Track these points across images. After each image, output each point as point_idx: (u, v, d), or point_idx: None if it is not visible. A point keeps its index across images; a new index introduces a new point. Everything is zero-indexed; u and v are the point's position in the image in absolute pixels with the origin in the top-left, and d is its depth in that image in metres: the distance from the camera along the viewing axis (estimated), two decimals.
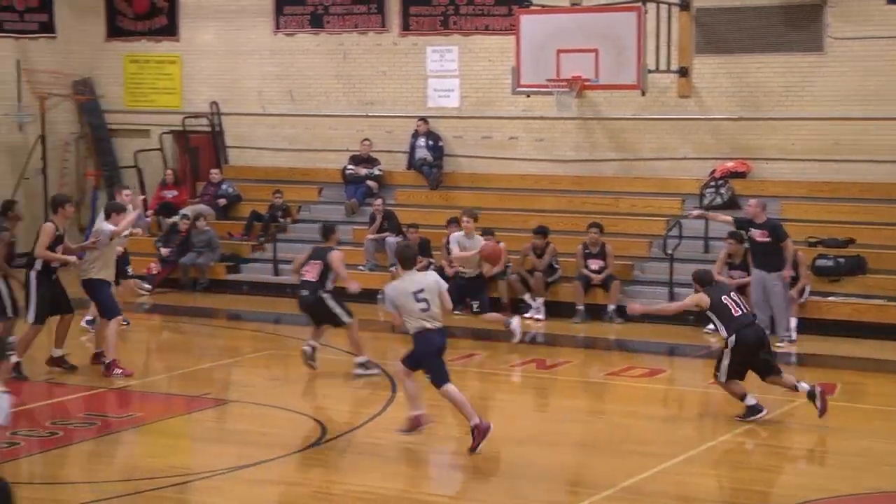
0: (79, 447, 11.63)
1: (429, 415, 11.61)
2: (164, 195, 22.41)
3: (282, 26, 22.77)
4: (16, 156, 23.34)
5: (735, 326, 12.30)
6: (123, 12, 24.01)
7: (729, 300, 12.48)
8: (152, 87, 23.96)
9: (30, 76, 23.19)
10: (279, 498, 10.39)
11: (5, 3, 23.02)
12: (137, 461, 11.44)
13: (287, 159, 22.85)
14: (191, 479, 10.72)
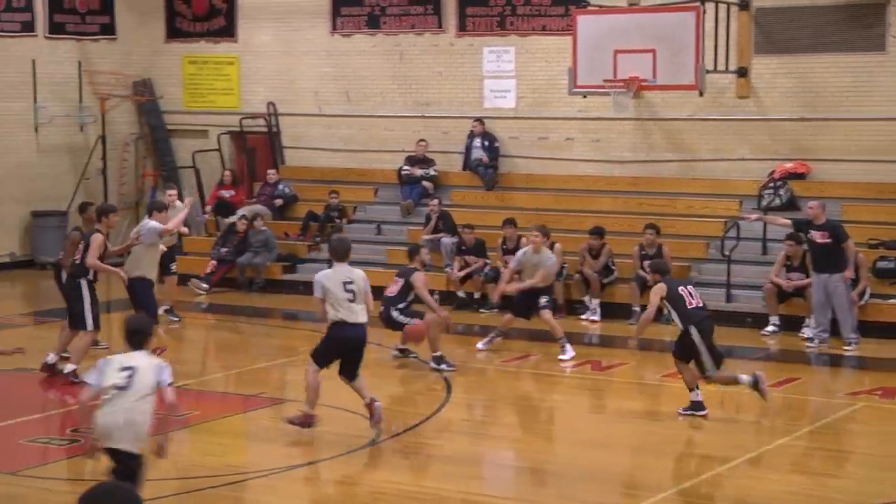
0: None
1: (318, 417, 11.60)
2: (221, 195, 22.54)
3: (338, 27, 22.83)
4: (77, 156, 23.59)
5: (692, 317, 12.41)
6: (182, 14, 24.20)
7: (685, 291, 12.62)
8: (210, 88, 24.12)
9: (91, 77, 23.43)
10: (334, 497, 10.40)
11: (68, 6, 23.28)
12: (194, 459, 11.50)
13: (343, 160, 22.92)
14: (246, 478, 10.77)
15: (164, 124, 24.50)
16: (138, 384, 8.35)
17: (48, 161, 23.16)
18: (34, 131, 22.89)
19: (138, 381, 8.36)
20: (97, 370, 8.40)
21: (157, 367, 8.47)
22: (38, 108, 22.77)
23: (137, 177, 24.75)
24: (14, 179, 22.51)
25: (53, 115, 22.87)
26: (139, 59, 24.33)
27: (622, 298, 18.24)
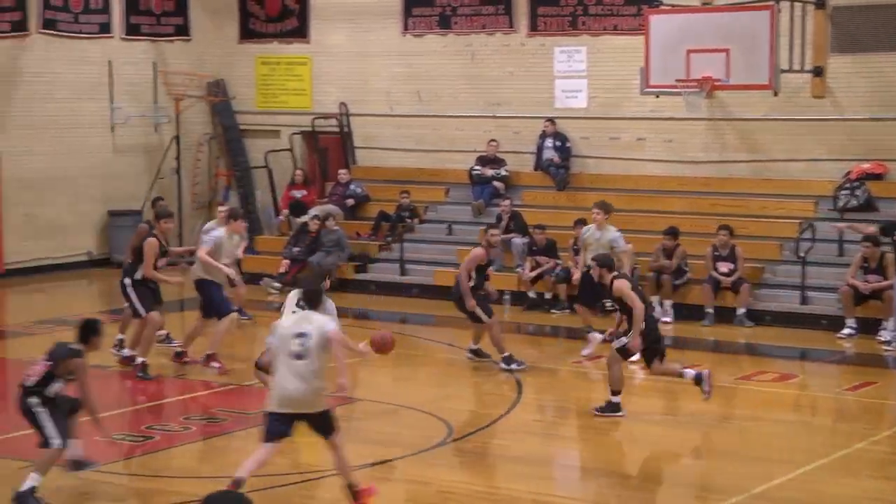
0: (210, 442, 11.81)
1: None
2: (293, 195, 22.68)
3: (410, 27, 22.87)
4: (151, 156, 23.86)
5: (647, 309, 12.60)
6: (256, 15, 24.38)
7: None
8: (283, 89, 24.28)
9: (166, 78, 23.68)
10: (404, 496, 10.41)
11: (143, 7, 23.55)
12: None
13: (414, 160, 22.95)
14: (317, 477, 10.81)
15: (237, 124, 24.70)
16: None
17: (124, 161, 23.45)
18: (110, 132, 23.19)
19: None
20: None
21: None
22: (115, 109, 23.05)
23: (210, 177, 24.98)
24: (91, 179, 22.81)
25: (129, 115, 23.14)
26: (213, 59, 24.55)
27: (695, 300, 18.08)
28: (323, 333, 9.36)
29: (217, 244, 14.55)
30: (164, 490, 10.39)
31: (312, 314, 9.54)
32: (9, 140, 21.48)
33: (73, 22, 22.38)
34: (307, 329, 9.35)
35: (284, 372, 9.32)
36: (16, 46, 21.53)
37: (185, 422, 12.40)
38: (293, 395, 9.32)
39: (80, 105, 22.59)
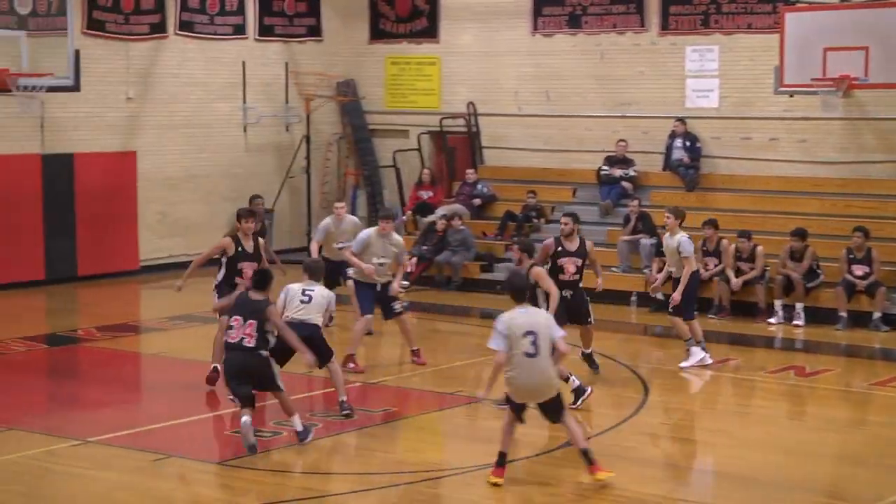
0: (337, 439, 11.92)
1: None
2: (419, 195, 22.80)
3: (539, 27, 22.82)
4: (282, 155, 24.21)
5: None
6: (386, 15, 24.57)
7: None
8: (412, 88, 24.42)
9: (297, 78, 24.00)
10: (531, 497, 10.36)
11: (276, 9, 23.92)
12: (392, 455, 11.65)
13: (542, 159, 22.89)
14: (444, 475, 10.84)
15: (366, 124, 24.92)
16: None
17: (255, 160, 23.83)
18: (243, 131, 23.59)
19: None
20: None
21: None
22: (247, 109, 23.44)
23: (339, 176, 25.26)
24: (224, 178, 23.23)
25: (261, 115, 23.51)
26: (343, 60, 24.81)
27: (827, 303, 17.68)
28: (550, 335, 10.19)
29: (364, 244, 14.59)
30: (290, 486, 10.51)
31: (536, 313, 10.36)
32: (145, 139, 22.00)
33: (208, 23, 22.83)
34: (535, 328, 10.10)
35: (519, 368, 10.10)
36: (154, 48, 22.04)
37: (312, 418, 12.53)
38: (529, 389, 10.19)
39: (214, 105, 23.02)
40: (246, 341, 11.36)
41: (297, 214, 24.21)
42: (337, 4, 24.79)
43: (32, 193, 20.28)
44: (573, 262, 13.74)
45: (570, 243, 13.85)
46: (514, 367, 10.11)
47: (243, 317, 11.43)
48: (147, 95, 21.99)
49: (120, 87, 21.53)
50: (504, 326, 10.10)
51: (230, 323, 11.51)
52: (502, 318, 10.19)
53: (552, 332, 10.26)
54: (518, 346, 10.06)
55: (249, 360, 11.37)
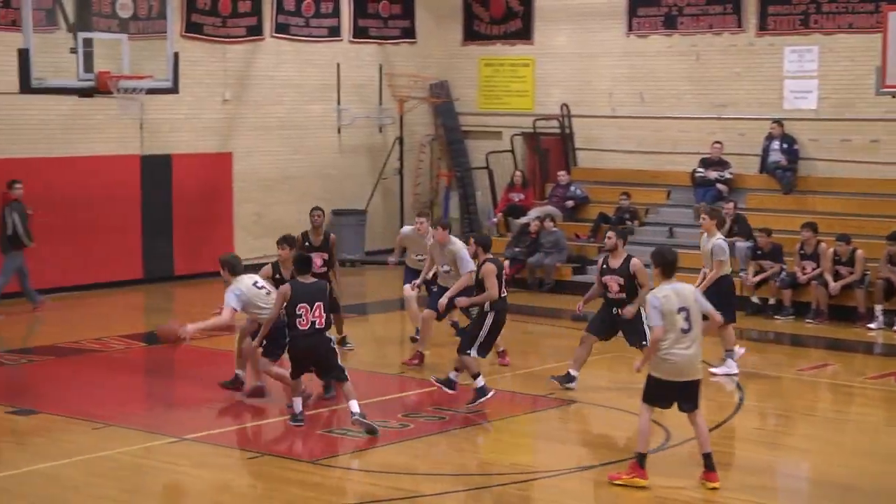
0: (429, 440, 11.95)
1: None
2: (511, 197, 22.78)
3: (634, 28, 22.66)
4: (375, 157, 24.34)
5: (498, 304, 12.86)
6: (480, 17, 24.59)
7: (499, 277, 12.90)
8: (505, 90, 24.41)
9: (391, 80, 24.12)
10: (622, 501, 10.29)
11: (371, 11, 24.06)
12: (482, 457, 11.65)
13: (636, 161, 22.73)
14: (533, 478, 10.81)
15: (459, 126, 24.96)
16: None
17: (348, 161, 23.99)
18: (336, 133, 23.76)
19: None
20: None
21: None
22: (341, 111, 23.61)
23: (432, 177, 25.33)
24: (317, 179, 23.42)
25: (355, 116, 23.66)
26: (437, 61, 24.88)
27: None
28: (698, 306, 10.27)
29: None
30: (382, 485, 10.55)
31: (683, 287, 10.27)
32: (240, 140, 22.27)
33: (304, 26, 23.04)
34: (687, 303, 10.14)
35: (675, 344, 10.11)
36: (250, 50, 22.31)
37: (404, 418, 12.58)
38: (683, 366, 10.17)
39: (309, 107, 23.23)
40: (317, 324, 11.71)
41: (389, 216, 24.33)
42: (431, 6, 24.87)
43: (132, 194, 20.66)
44: (615, 281, 13.43)
45: (614, 260, 13.53)
46: (671, 344, 10.09)
47: (309, 302, 11.71)
48: (243, 97, 22.26)
49: (217, 89, 21.83)
50: (660, 303, 10.08)
51: (297, 311, 11.69)
52: (657, 294, 10.15)
53: (702, 305, 10.35)
54: (673, 323, 10.07)
55: (320, 343, 11.79)
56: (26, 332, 17.45)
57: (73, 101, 18.77)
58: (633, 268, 13.38)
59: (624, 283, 13.38)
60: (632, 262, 13.41)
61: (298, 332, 11.78)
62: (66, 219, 19.59)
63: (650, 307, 10.17)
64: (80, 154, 19.96)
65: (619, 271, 13.42)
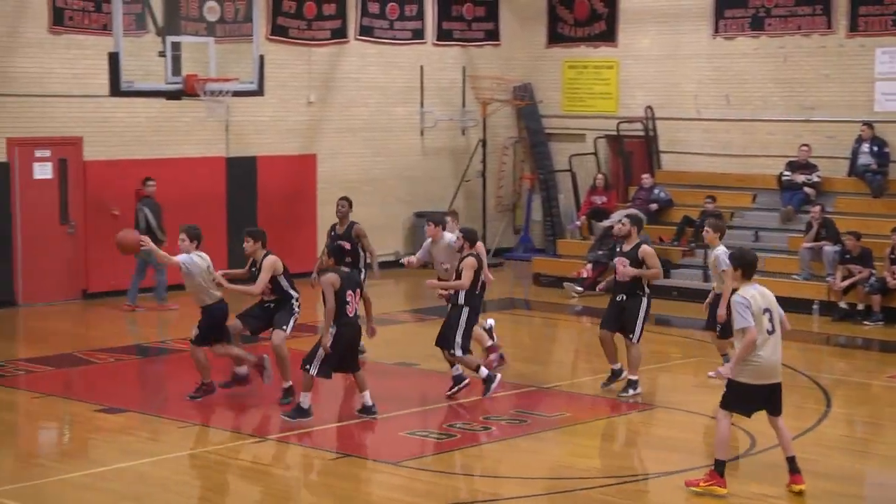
0: (510, 443, 11.95)
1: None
2: (593, 200, 22.69)
3: (721, 30, 22.46)
4: (458, 159, 24.39)
5: (473, 298, 13.25)
6: (564, 19, 24.53)
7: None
8: (589, 92, 24.33)
9: (474, 82, 24.15)
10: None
11: (455, 13, 24.12)
12: (564, 460, 11.62)
13: (721, 164, 22.53)
14: (616, 482, 10.76)
15: (543, 128, 24.92)
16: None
17: (431, 164, 24.07)
18: (419, 135, 23.86)
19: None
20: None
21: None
22: (424, 113, 23.70)
23: (515, 180, 25.32)
24: (400, 181, 23.53)
25: (438, 119, 23.74)
26: (520, 64, 24.87)
27: None
28: (779, 311, 10.21)
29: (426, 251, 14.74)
30: (463, 488, 10.58)
31: (765, 290, 10.16)
32: (324, 142, 22.45)
33: (388, 28, 23.17)
34: (770, 305, 10.08)
35: (763, 346, 10.00)
36: (334, 53, 22.49)
37: (486, 421, 12.60)
38: (772, 367, 10.10)
39: (392, 109, 23.34)
40: (357, 311, 12.20)
41: (472, 218, 24.31)
42: (515, 8, 24.87)
43: (217, 195, 20.92)
44: (623, 263, 13.53)
45: (627, 245, 13.62)
46: (758, 346, 9.99)
47: (354, 290, 12.20)
48: (327, 99, 22.44)
49: (301, 92, 22.03)
50: (749, 303, 9.98)
51: (346, 298, 12.04)
52: (744, 296, 10.03)
53: (779, 309, 10.27)
54: (760, 324, 9.99)
55: (359, 332, 12.36)
56: (116, 332, 17.69)
57: (161, 104, 19.07)
58: (641, 252, 13.47)
59: (630, 264, 13.50)
60: (642, 246, 13.52)
61: (347, 319, 12.10)
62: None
63: (739, 307, 10.00)
64: (167, 156, 20.26)
65: (628, 254, 13.54)
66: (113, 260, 18.32)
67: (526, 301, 20.88)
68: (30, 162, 18.98)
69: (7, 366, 15.02)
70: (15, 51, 18.68)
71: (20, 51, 18.72)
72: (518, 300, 20.90)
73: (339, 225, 15.44)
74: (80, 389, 13.62)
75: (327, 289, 12.17)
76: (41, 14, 18.89)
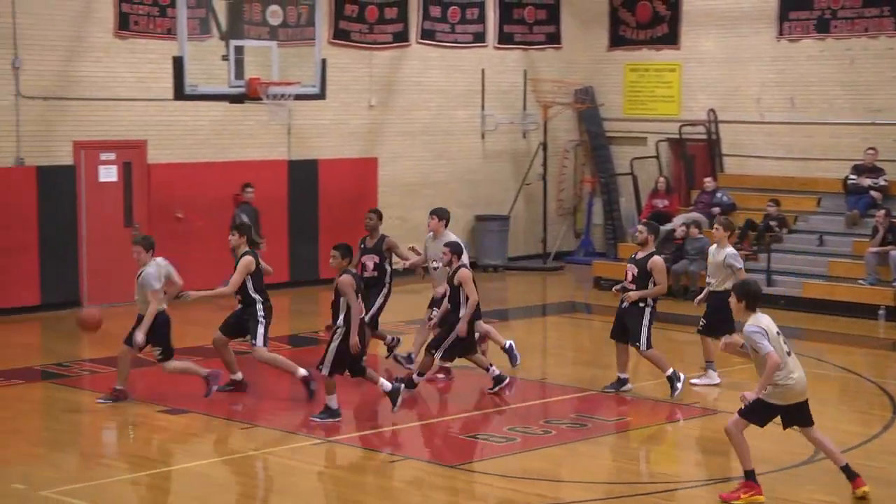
0: (570, 447, 11.91)
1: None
2: (655, 204, 22.56)
3: (785, 32, 22.25)
4: (519, 162, 24.36)
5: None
6: (626, 22, 24.42)
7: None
8: (651, 96, 24.19)
9: (535, 86, 24.11)
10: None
11: (517, 17, 24.10)
12: (624, 465, 11.57)
13: (784, 168, 22.32)
14: (676, 487, 10.69)
15: (604, 131, 24.82)
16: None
17: (492, 167, 24.06)
18: (480, 138, 23.86)
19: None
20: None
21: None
22: (485, 116, 23.70)
23: (576, 183, 25.23)
24: (460, 184, 23.54)
25: (498, 122, 23.72)
26: (581, 67, 24.79)
27: None
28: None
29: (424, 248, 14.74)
30: (522, 491, 10.56)
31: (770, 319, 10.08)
32: (385, 146, 22.51)
33: (449, 32, 23.20)
34: (777, 328, 10.06)
35: (790, 367, 9.99)
36: (396, 56, 22.54)
37: (546, 425, 12.56)
38: (803, 385, 10.11)
39: (453, 112, 23.36)
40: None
41: (532, 221, 24.32)
42: (577, 12, 24.80)
43: (279, 198, 21.04)
44: (631, 271, 13.55)
45: (641, 252, 13.58)
46: (785, 368, 9.94)
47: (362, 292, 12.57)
48: (388, 103, 22.50)
49: (363, 95, 22.11)
50: (763, 329, 9.92)
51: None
52: (757, 325, 9.94)
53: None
54: (780, 348, 9.95)
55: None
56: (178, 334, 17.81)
57: (224, 108, 19.22)
58: (651, 263, 13.42)
59: (637, 273, 13.46)
60: (653, 258, 13.45)
61: (360, 321, 12.25)
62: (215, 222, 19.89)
63: (756, 336, 9.89)
64: (230, 159, 20.43)
65: (640, 262, 13.55)
66: (177, 261, 18.49)
67: (586, 304, 20.80)
68: (95, 165, 19.22)
69: (72, 366, 15.22)
70: (81, 55, 18.92)
71: (86, 55, 18.96)
72: (578, 304, 20.82)
73: (368, 238, 15.17)
74: (143, 390, 13.76)
75: (348, 290, 12.26)
76: (107, 19, 19.12)
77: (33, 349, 16.72)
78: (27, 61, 18.33)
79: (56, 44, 18.67)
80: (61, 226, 18.76)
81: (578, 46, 24.83)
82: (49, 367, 15.23)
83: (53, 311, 18.44)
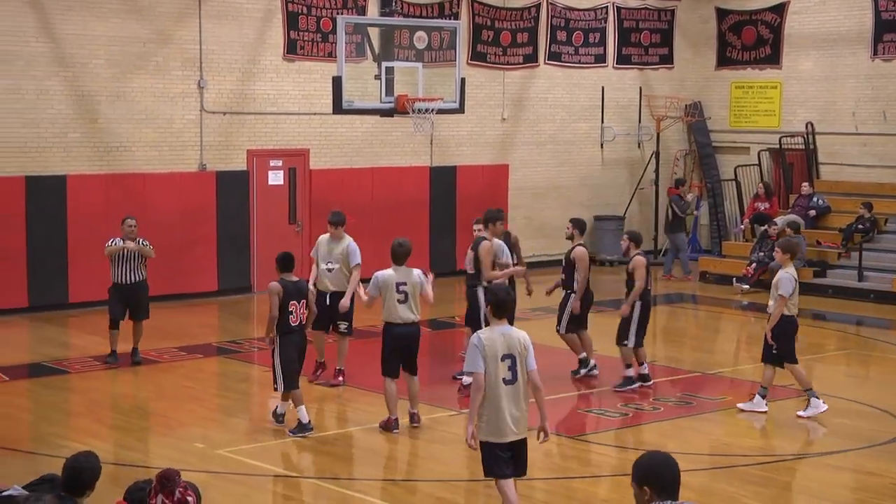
0: (676, 422, 11.78)
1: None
2: (756, 206, 22.14)
3: (879, 52, 21.61)
4: (633, 169, 24.12)
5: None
6: (733, 44, 23.99)
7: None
8: (754, 110, 23.73)
9: (649, 101, 23.85)
10: (856, 484, 9.87)
11: (634, 40, 23.86)
12: (725, 439, 11.40)
13: (877, 175, 21.68)
14: (773, 460, 10.49)
15: (711, 142, 24.43)
16: None
17: (609, 173, 23.87)
18: (599, 147, 23.69)
19: None
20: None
21: None
22: (605, 128, 23.52)
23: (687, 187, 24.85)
24: (581, 188, 23.42)
25: (616, 133, 23.53)
26: (692, 84, 24.43)
27: None
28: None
29: (316, 248, 13.86)
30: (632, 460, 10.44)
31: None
32: (516, 154, 22.51)
33: (573, 54, 23.08)
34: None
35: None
36: (526, 76, 22.52)
37: (656, 402, 12.44)
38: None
39: (575, 125, 23.25)
40: (302, 321, 11.28)
41: (645, 221, 24.09)
42: (688, 35, 24.44)
43: (422, 200, 21.20)
44: (562, 267, 13.19)
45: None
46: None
47: (298, 300, 11.15)
48: (519, 116, 22.49)
49: (496, 110, 22.14)
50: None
51: (290, 308, 11.05)
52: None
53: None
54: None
55: (304, 340, 11.47)
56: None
57: (376, 120, 19.44)
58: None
59: (563, 267, 13.24)
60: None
61: (290, 328, 11.08)
62: (369, 221, 20.14)
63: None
64: (380, 165, 20.66)
65: (566, 258, 13.24)
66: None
67: (693, 296, 20.51)
68: (265, 170, 19.63)
69: (244, 343, 15.57)
70: (255, 75, 19.34)
71: (259, 75, 19.37)
72: (686, 295, 20.55)
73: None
74: (304, 365, 13.95)
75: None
76: (277, 45, 19.50)
77: (211, 328, 17.15)
78: (210, 81, 18.81)
79: (234, 66, 19.12)
80: (236, 222, 19.21)
81: (689, 66, 24.48)
82: (224, 343, 15.60)
83: (229, 297, 18.89)
